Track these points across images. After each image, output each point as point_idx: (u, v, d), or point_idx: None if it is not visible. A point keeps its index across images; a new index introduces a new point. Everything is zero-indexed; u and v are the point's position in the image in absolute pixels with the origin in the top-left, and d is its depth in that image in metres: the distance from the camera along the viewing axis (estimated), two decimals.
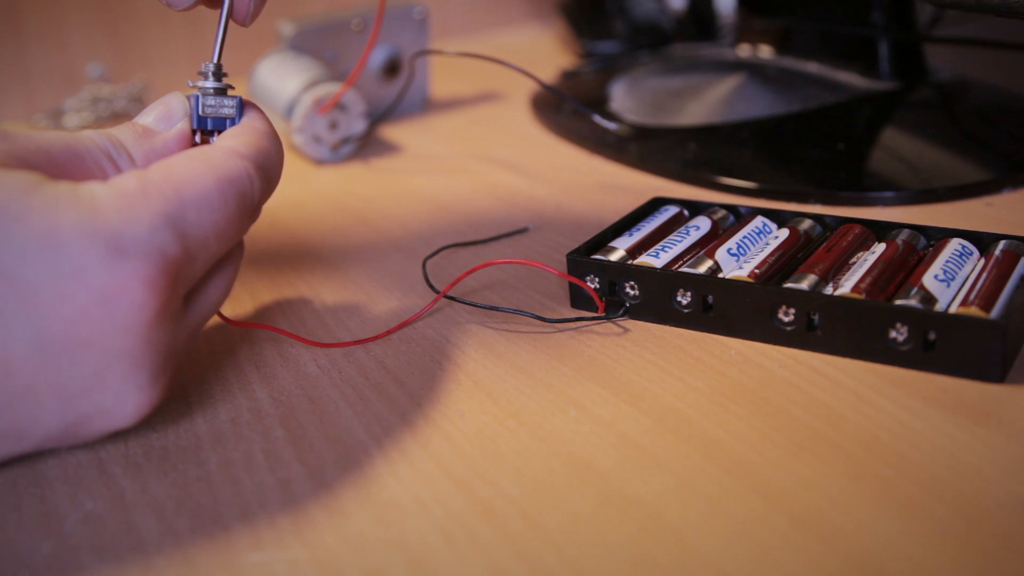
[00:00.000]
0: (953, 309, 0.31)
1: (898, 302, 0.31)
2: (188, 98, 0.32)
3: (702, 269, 0.35)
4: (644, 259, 0.36)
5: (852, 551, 0.24)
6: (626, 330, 0.35)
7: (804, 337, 0.33)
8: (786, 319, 0.33)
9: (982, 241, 0.36)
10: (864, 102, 0.55)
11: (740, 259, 0.36)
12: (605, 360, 0.33)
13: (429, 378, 0.33)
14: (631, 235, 0.38)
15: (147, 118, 0.32)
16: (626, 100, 0.62)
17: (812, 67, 0.59)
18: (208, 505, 0.27)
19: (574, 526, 0.25)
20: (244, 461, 0.29)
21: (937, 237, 0.36)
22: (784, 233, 0.37)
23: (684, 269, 0.35)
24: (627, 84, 0.65)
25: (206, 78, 0.32)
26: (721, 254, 0.36)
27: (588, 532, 0.25)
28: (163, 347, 0.27)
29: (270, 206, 0.49)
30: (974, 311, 0.30)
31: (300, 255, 0.44)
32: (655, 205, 0.41)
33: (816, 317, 0.32)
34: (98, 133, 0.30)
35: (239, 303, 0.40)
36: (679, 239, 0.37)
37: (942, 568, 0.23)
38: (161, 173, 0.28)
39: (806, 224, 0.38)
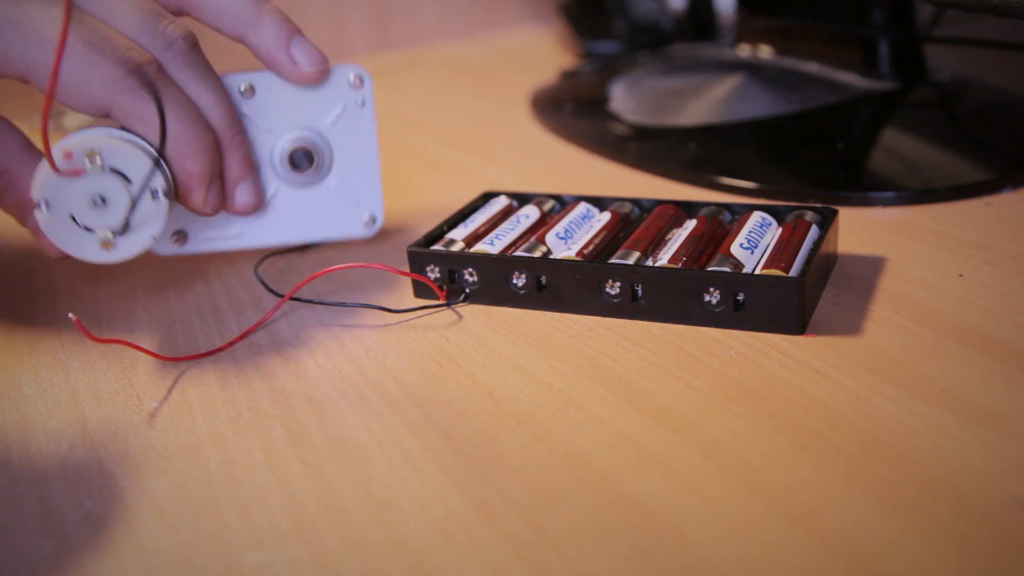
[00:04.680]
0: (758, 271, 0.34)
1: (710, 268, 0.34)
2: None
3: (535, 254, 0.37)
4: (480, 247, 0.38)
5: (852, 552, 0.24)
6: (627, 331, 0.35)
7: (630, 307, 0.35)
8: (613, 292, 0.36)
9: (779, 213, 0.39)
10: (864, 102, 0.55)
11: (568, 241, 0.38)
12: (605, 360, 0.33)
13: (429, 378, 0.33)
14: (466, 226, 0.40)
15: None
16: (626, 100, 0.62)
17: (812, 67, 0.59)
18: (208, 505, 0.27)
19: (574, 526, 0.25)
20: (244, 461, 0.29)
21: (740, 212, 0.40)
22: (606, 216, 0.40)
23: (518, 253, 0.37)
24: (627, 84, 0.65)
25: None
26: (551, 238, 0.38)
27: (588, 532, 0.25)
28: None
29: None
30: (776, 271, 0.33)
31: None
32: (486, 198, 0.44)
33: (639, 288, 0.35)
34: None
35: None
36: (511, 227, 0.40)
37: (943, 569, 0.23)
38: None
39: (626, 207, 0.41)
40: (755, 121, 0.55)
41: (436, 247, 0.39)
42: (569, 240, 0.38)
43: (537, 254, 0.37)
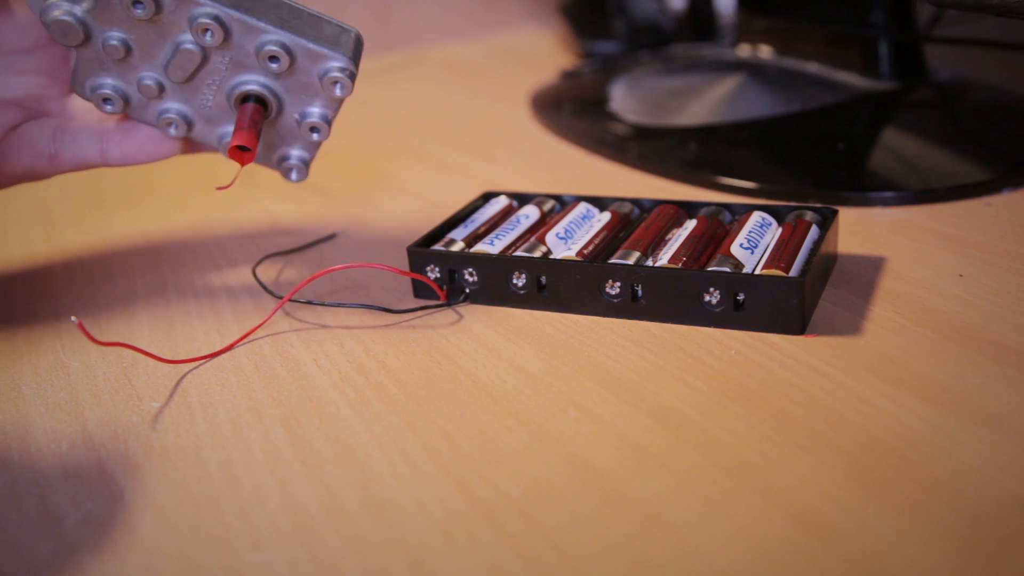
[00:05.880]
0: (758, 272, 0.34)
1: (710, 268, 0.34)
2: None
3: (535, 254, 0.37)
4: (481, 247, 0.38)
5: (852, 551, 0.24)
6: (627, 331, 0.35)
7: (630, 307, 0.36)
8: (613, 292, 0.36)
9: (779, 213, 0.39)
10: (864, 102, 0.55)
11: (568, 241, 0.38)
12: (605, 360, 0.33)
13: (429, 378, 0.33)
14: (466, 226, 0.41)
15: None
16: (626, 100, 0.62)
17: (812, 67, 0.59)
18: (208, 505, 0.27)
19: (574, 526, 0.25)
20: (244, 461, 0.29)
21: (740, 212, 0.40)
22: (606, 216, 0.40)
23: (518, 253, 0.37)
24: (627, 84, 0.65)
25: None
26: (551, 238, 0.38)
27: (588, 532, 0.25)
28: None
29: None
30: (776, 271, 0.33)
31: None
32: (486, 198, 0.44)
33: (639, 288, 0.35)
34: None
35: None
36: (511, 227, 0.40)
37: (942, 568, 0.23)
38: None
39: (626, 207, 0.41)
40: (755, 121, 0.55)
41: (436, 247, 0.39)
42: (569, 240, 0.38)
43: (537, 254, 0.37)
